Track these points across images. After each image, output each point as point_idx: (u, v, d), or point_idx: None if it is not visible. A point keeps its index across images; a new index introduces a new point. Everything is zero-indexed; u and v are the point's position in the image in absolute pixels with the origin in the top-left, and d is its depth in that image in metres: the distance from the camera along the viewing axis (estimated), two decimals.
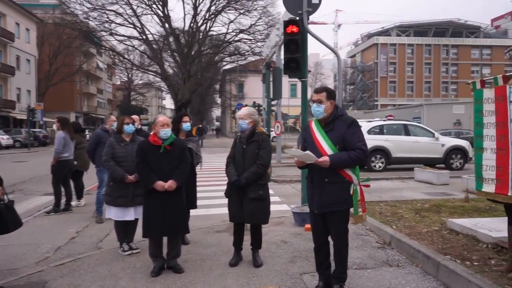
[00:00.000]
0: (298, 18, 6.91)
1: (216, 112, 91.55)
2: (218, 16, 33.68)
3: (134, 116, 6.11)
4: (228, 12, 33.31)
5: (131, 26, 32.47)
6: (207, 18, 33.65)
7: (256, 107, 21.99)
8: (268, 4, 31.73)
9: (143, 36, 33.18)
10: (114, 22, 31.96)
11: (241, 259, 4.73)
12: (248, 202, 4.41)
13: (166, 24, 32.94)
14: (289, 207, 7.68)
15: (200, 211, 6.46)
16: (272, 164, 4.85)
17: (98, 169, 7.02)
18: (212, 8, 32.95)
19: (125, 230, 5.17)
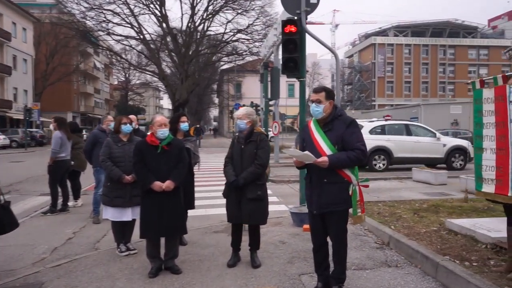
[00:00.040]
0: (296, 17, 6.88)
1: (214, 112, 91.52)
2: (216, 16, 33.65)
3: (132, 116, 6.06)
4: (226, 12, 33.32)
5: (129, 25, 32.44)
6: (204, 18, 33.62)
7: (254, 107, 21.97)
8: (266, 4, 31.78)
9: (141, 36, 33.11)
10: (111, 22, 31.91)
11: (239, 260, 4.71)
12: (246, 202, 4.39)
13: (163, 23, 32.88)
14: (287, 207, 7.66)
15: (198, 211, 6.44)
16: (270, 164, 4.84)
17: (95, 169, 6.98)
18: (210, 8, 32.95)
19: (122, 230, 5.14)
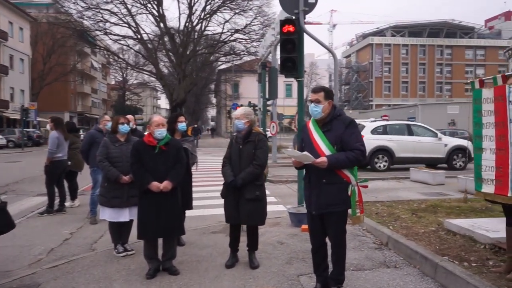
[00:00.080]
0: (294, 17, 6.87)
1: (211, 112, 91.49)
2: (213, 15, 33.69)
3: (129, 116, 6.04)
4: (224, 12, 33.36)
5: (126, 25, 32.42)
6: (202, 17, 33.62)
7: (252, 107, 21.94)
8: (264, 4, 31.88)
9: (138, 36, 33.08)
10: (108, 22, 31.89)
11: (237, 261, 4.68)
12: (244, 203, 4.36)
13: (161, 23, 32.86)
14: (285, 207, 7.64)
15: (195, 211, 6.39)
16: (268, 164, 4.81)
17: (92, 169, 6.94)
18: (207, 8, 32.97)
19: (119, 231, 5.10)
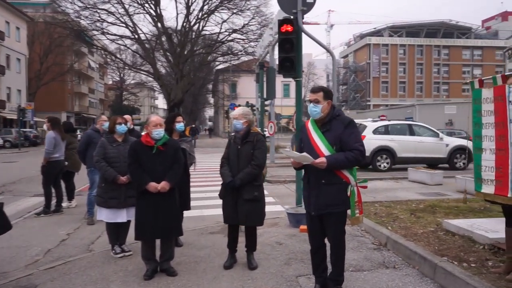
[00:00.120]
0: (292, 17, 6.84)
1: (209, 112, 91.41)
2: (211, 15, 33.60)
3: (127, 116, 6.00)
4: (221, 12, 33.26)
5: (123, 25, 32.30)
6: (200, 17, 33.54)
7: (250, 107, 21.91)
8: (261, 4, 31.78)
9: (135, 35, 32.98)
10: (106, 21, 31.74)
11: (235, 262, 4.65)
12: (243, 203, 4.34)
13: (158, 23, 32.77)
14: (283, 208, 7.62)
15: (193, 212, 6.37)
16: (266, 164, 4.79)
17: (89, 169, 6.89)
18: (205, 8, 32.87)
19: (117, 232, 5.07)
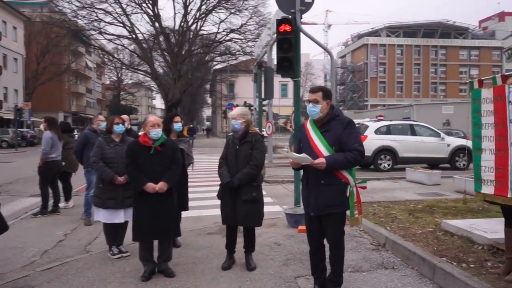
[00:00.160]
0: (290, 16, 6.82)
1: (207, 112, 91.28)
2: (209, 15, 33.57)
3: (124, 116, 5.97)
4: (219, 12, 33.26)
5: (121, 25, 32.25)
6: (197, 17, 33.52)
7: (248, 107, 21.88)
8: (259, 3, 31.81)
9: (133, 35, 32.91)
10: (103, 21, 31.72)
11: (234, 262, 4.63)
12: (241, 204, 4.32)
13: (156, 23, 32.71)
14: (281, 208, 7.59)
15: (191, 212, 6.34)
16: (265, 164, 4.76)
17: (86, 170, 6.86)
18: (203, 8, 32.87)
19: (114, 232, 5.04)
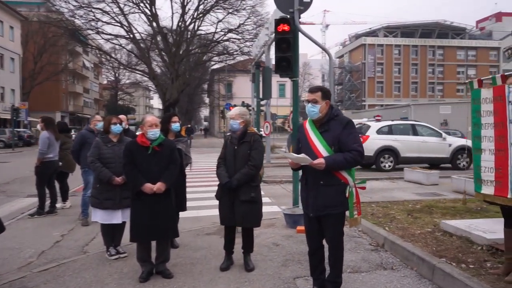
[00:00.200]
0: (289, 16, 6.80)
1: (205, 112, 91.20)
2: (207, 15, 33.58)
3: (122, 116, 5.94)
4: (217, 12, 33.26)
5: (118, 24, 32.21)
6: (195, 17, 33.50)
7: (246, 107, 21.85)
8: (257, 3, 31.85)
9: (130, 35, 32.88)
10: (100, 21, 31.68)
11: (232, 263, 4.60)
12: (239, 204, 4.29)
13: (153, 23, 32.67)
14: (280, 208, 7.56)
15: (189, 213, 6.30)
16: (263, 164, 4.74)
17: (83, 170, 6.83)
18: (201, 7, 32.86)
19: (112, 233, 5.00)
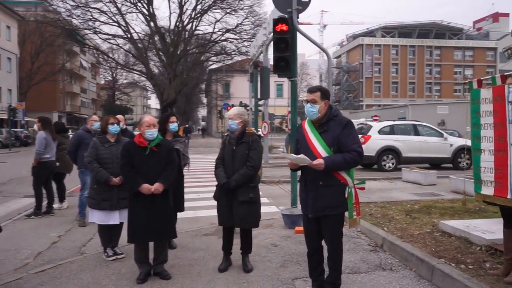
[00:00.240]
0: (287, 16, 6.78)
1: (202, 112, 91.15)
2: (204, 15, 33.48)
3: (119, 116, 5.90)
4: (214, 11, 33.17)
5: (116, 24, 32.07)
6: (193, 17, 33.41)
7: (244, 107, 21.83)
8: (255, 3, 31.76)
9: (128, 35, 32.76)
10: (98, 20, 31.53)
11: (230, 264, 4.58)
12: (238, 205, 4.27)
13: (151, 22, 32.57)
14: (278, 208, 7.55)
15: (187, 213, 6.29)
16: (261, 165, 4.71)
17: (80, 170, 6.79)
18: (198, 7, 32.77)
19: (109, 234, 4.97)
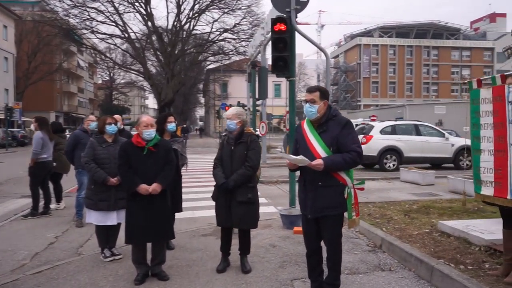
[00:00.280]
0: (285, 15, 6.75)
1: (200, 112, 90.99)
2: (202, 15, 33.45)
3: (117, 116, 5.87)
4: (212, 11, 33.15)
5: (113, 24, 32.00)
6: (190, 16, 33.36)
7: (241, 107, 21.79)
8: (253, 3, 31.78)
9: (125, 35, 32.68)
10: (95, 20, 31.45)
11: (228, 265, 4.55)
12: (236, 205, 4.24)
13: (149, 22, 32.51)
14: (276, 209, 7.52)
15: (185, 213, 6.26)
16: (260, 165, 4.69)
17: (77, 171, 6.75)
18: (196, 7, 32.74)
19: (106, 235, 4.94)
